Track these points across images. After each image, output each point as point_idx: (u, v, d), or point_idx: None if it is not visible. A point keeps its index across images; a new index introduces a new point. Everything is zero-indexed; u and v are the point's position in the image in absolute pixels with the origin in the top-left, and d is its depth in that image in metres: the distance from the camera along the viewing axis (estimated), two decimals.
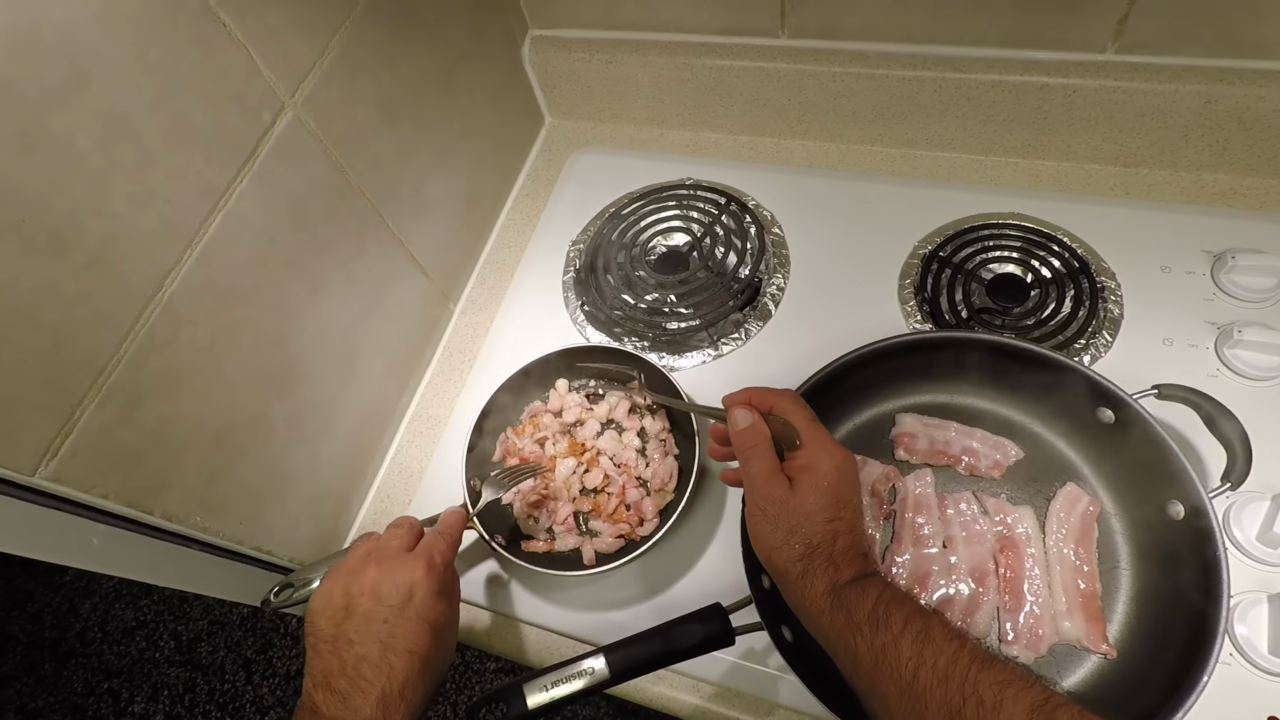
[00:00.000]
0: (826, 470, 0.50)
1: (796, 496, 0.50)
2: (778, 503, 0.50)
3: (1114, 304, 0.72)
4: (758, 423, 0.53)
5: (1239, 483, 0.57)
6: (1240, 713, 0.55)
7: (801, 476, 0.50)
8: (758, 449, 0.52)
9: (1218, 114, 0.71)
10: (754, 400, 0.54)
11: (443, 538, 0.58)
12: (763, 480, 0.51)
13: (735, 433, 0.53)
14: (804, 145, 0.89)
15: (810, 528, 0.49)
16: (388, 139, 0.71)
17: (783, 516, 0.49)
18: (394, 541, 0.56)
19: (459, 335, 0.86)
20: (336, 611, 0.52)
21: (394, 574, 0.53)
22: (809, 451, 0.51)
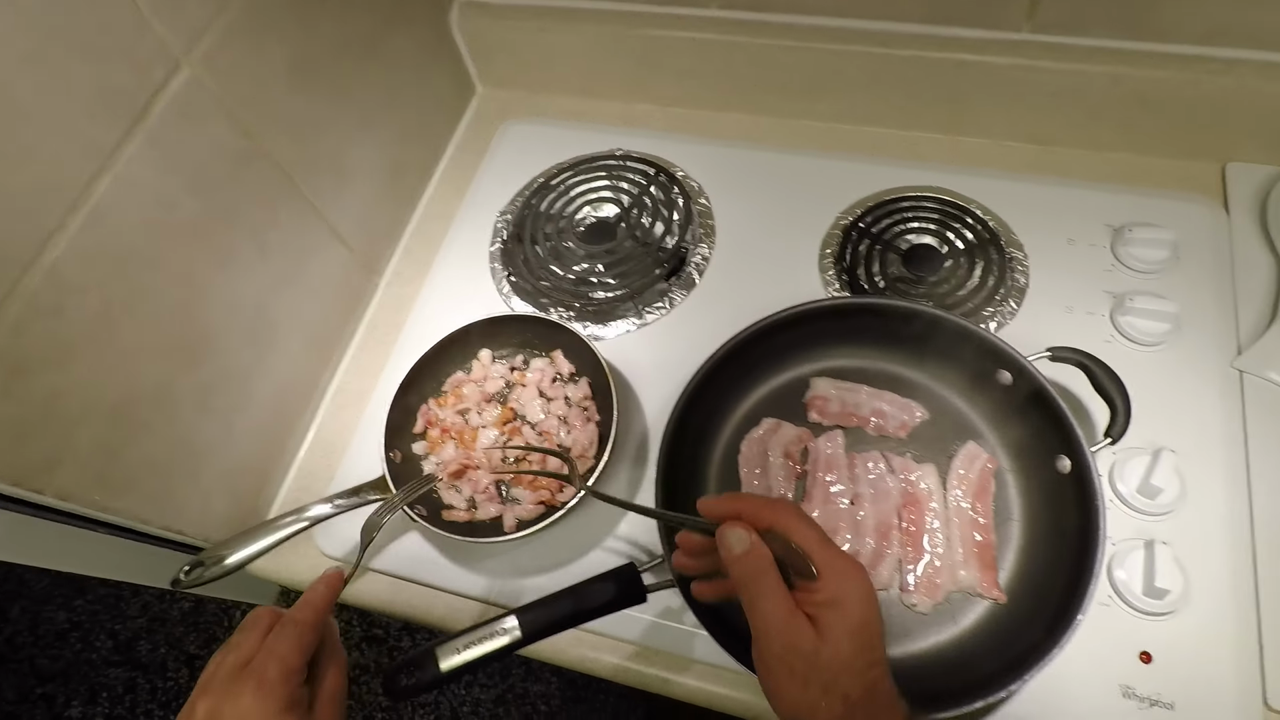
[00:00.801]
0: (855, 603, 0.41)
1: (828, 644, 0.40)
2: (805, 656, 0.40)
3: (1021, 274, 0.74)
4: (757, 545, 0.43)
5: (1119, 437, 0.60)
6: (1118, 649, 0.59)
7: (827, 615, 0.41)
8: (765, 581, 0.42)
9: (1123, 95, 0.74)
10: (745, 514, 0.44)
11: (286, 631, 0.47)
12: (781, 626, 0.41)
13: (732, 558, 0.43)
14: (735, 118, 0.90)
15: (846, 682, 0.40)
16: (302, 104, 0.69)
17: (814, 672, 0.40)
18: (229, 657, 0.46)
19: (384, 308, 0.85)
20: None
21: (219, 710, 0.44)
22: (831, 582, 0.41)
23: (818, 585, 0.41)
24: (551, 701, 1.39)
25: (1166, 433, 0.66)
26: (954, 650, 0.60)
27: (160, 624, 1.53)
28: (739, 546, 0.43)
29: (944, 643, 0.61)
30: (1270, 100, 0.70)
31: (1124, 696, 0.58)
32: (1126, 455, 0.65)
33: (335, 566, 0.56)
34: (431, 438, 0.73)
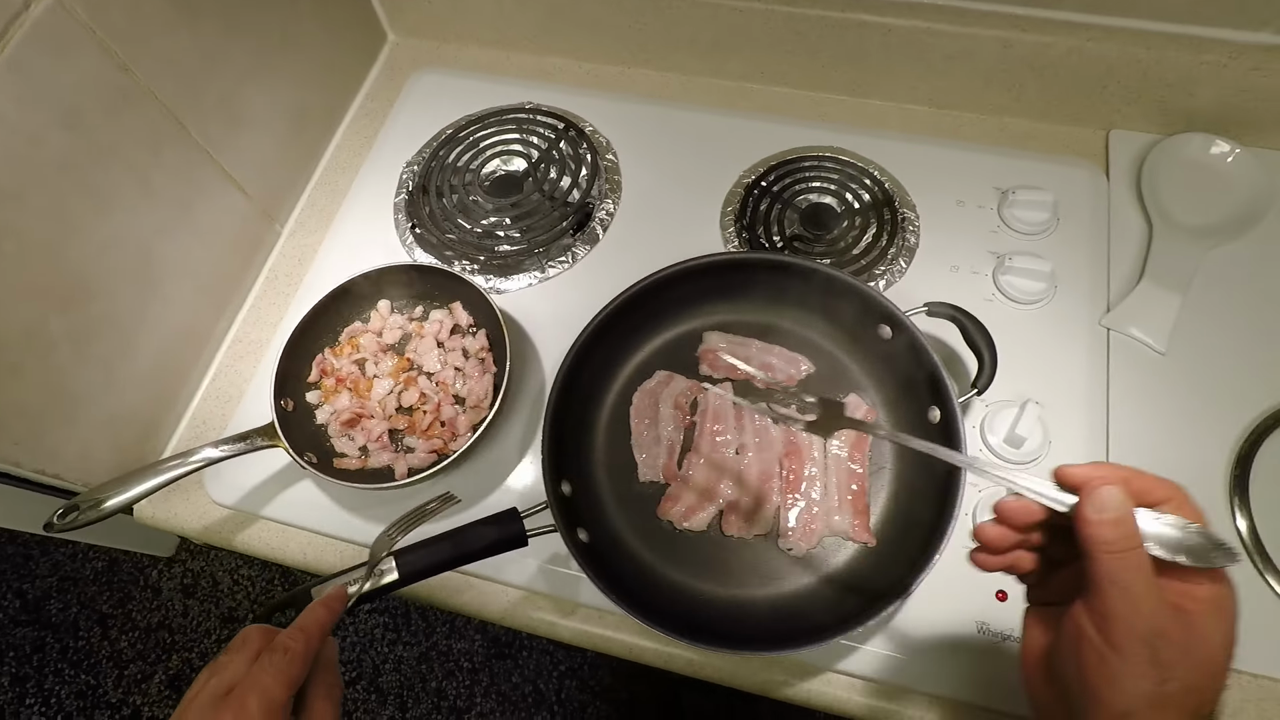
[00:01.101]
0: (1233, 614, 0.37)
1: (1202, 643, 0.36)
2: (1176, 646, 0.35)
3: (912, 234, 0.77)
4: (1133, 514, 0.37)
5: (985, 388, 0.63)
6: (978, 590, 0.62)
7: (1208, 614, 0.36)
8: (1140, 557, 0.36)
9: (1013, 60, 0.76)
10: (1133, 484, 0.38)
11: (274, 659, 0.44)
12: (1154, 606, 0.36)
13: (1102, 522, 0.36)
14: (646, 75, 0.90)
15: (1211, 690, 0.36)
16: (186, 40, 0.67)
17: (1180, 667, 0.35)
18: (212, 680, 0.44)
19: (286, 258, 0.83)
20: None
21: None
22: (1220, 584, 0.37)
23: (1201, 582, 0.37)
24: (475, 659, 1.41)
25: (1037, 387, 0.69)
26: (826, 589, 0.63)
27: (72, 583, 1.51)
28: (1115, 509, 0.37)
29: (817, 582, 0.64)
30: (1147, 68, 0.73)
31: (979, 632, 0.61)
32: (996, 408, 0.68)
33: (339, 585, 0.53)
34: (326, 387, 0.72)
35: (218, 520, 0.72)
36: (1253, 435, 0.66)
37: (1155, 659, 0.35)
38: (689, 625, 0.59)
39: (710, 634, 0.59)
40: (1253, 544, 0.62)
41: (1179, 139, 0.76)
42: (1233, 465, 0.65)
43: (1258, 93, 0.71)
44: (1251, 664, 0.59)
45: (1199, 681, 0.36)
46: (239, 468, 0.71)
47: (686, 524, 0.66)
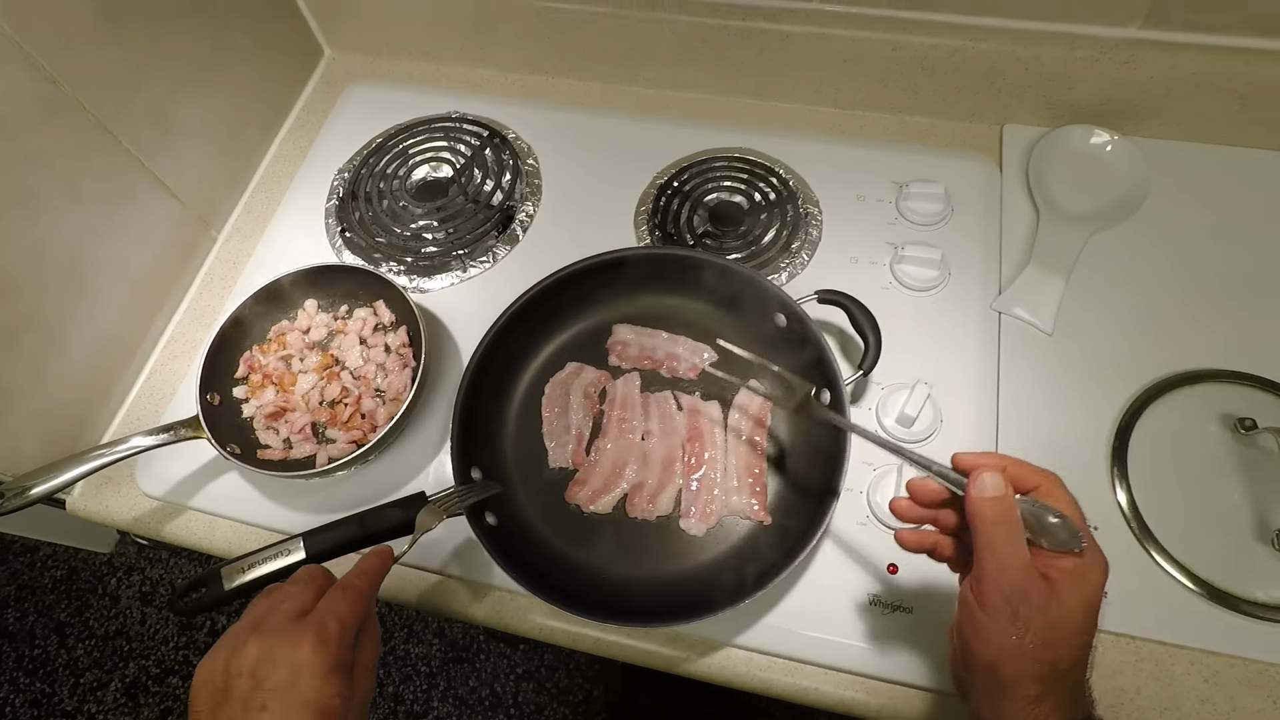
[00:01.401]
0: (1095, 584, 0.42)
1: (1060, 605, 0.41)
2: (1034, 606, 0.41)
3: (815, 228, 0.80)
4: (1011, 496, 0.44)
5: (870, 370, 0.66)
6: (870, 563, 0.65)
7: (1067, 582, 0.42)
8: (1012, 527, 0.43)
9: (903, 60, 0.80)
10: (1011, 471, 0.45)
11: (346, 595, 0.48)
12: (1019, 570, 0.42)
13: (983, 500, 0.43)
14: (569, 84, 0.94)
15: (1064, 647, 0.41)
16: (115, 53, 0.71)
17: (1036, 624, 0.41)
18: (285, 604, 0.47)
19: (222, 262, 0.87)
20: (214, 692, 0.44)
21: (274, 650, 0.44)
22: (1085, 557, 0.43)
23: (1066, 556, 0.42)
24: (432, 663, 1.42)
25: (931, 369, 0.72)
26: (723, 566, 0.66)
27: (29, 592, 1.52)
28: (993, 489, 0.43)
29: (715, 560, 0.66)
30: (1027, 64, 0.77)
31: (870, 604, 0.64)
32: (891, 390, 0.71)
33: (386, 544, 0.56)
34: (253, 382, 0.75)
35: (147, 511, 0.74)
36: (1130, 410, 0.69)
37: (1015, 616, 0.41)
38: (590, 603, 0.61)
39: (609, 610, 0.61)
40: (1131, 514, 0.65)
41: (1063, 131, 0.80)
42: (1112, 439, 0.68)
43: (1130, 84, 0.76)
44: (1131, 627, 0.62)
45: (1053, 638, 0.41)
46: (169, 461, 0.74)
47: (593, 507, 0.68)
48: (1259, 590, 0.61)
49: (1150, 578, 0.63)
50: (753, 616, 0.64)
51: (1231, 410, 0.67)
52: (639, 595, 0.65)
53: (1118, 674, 0.61)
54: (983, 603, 0.43)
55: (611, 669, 1.41)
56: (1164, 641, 0.61)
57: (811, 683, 0.63)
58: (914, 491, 0.50)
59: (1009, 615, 0.41)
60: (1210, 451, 0.66)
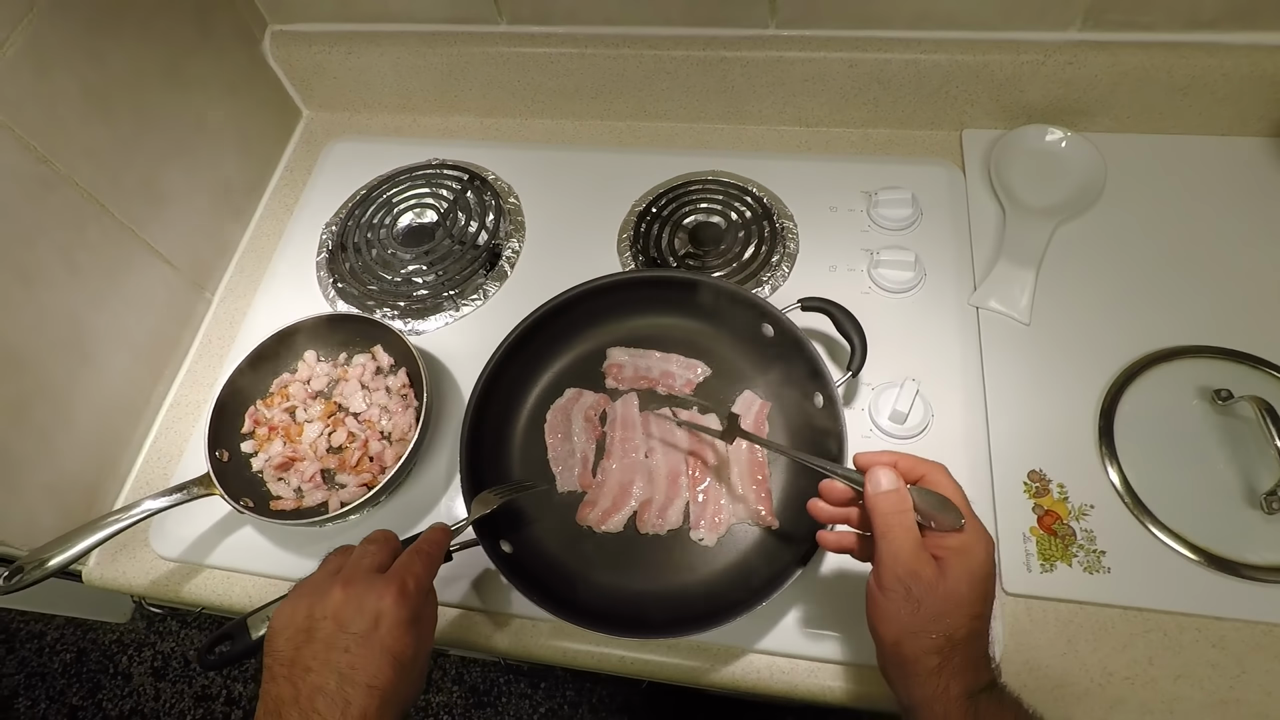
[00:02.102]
0: (981, 557, 0.46)
1: (947, 580, 0.45)
2: (925, 584, 0.45)
3: (791, 241, 0.83)
4: (903, 488, 0.48)
5: (858, 370, 0.69)
6: None
7: (954, 559, 0.46)
8: (903, 516, 0.47)
9: (860, 76, 0.84)
10: (901, 465, 0.50)
11: (420, 558, 0.53)
12: (910, 554, 0.46)
13: (877, 495, 0.48)
14: (543, 123, 0.98)
15: (955, 619, 0.45)
16: (102, 131, 0.73)
17: (928, 600, 0.45)
18: (365, 560, 0.51)
19: (219, 323, 0.88)
20: (297, 634, 0.47)
21: (361, 598, 0.48)
22: (967, 535, 0.47)
23: (950, 535, 0.47)
24: (454, 711, 1.41)
25: (917, 366, 0.75)
26: (736, 571, 0.67)
27: (40, 679, 1.49)
28: (887, 484, 0.48)
29: (729, 565, 0.68)
30: (977, 71, 0.81)
31: None
32: (881, 389, 0.73)
33: (443, 522, 0.59)
34: (259, 436, 0.76)
35: (164, 574, 0.75)
36: (1112, 390, 0.72)
37: (909, 595, 0.46)
38: (611, 620, 0.62)
39: (630, 625, 0.63)
40: (1125, 491, 0.68)
41: (1018, 131, 0.84)
42: (1098, 419, 0.71)
43: (1076, 83, 0.80)
44: (1138, 599, 0.64)
45: (944, 610, 0.45)
46: (181, 521, 0.75)
47: (605, 526, 0.70)
48: (1254, 553, 0.63)
49: (1150, 551, 0.65)
50: (771, 620, 0.65)
51: (1207, 383, 0.70)
52: (658, 609, 0.66)
53: (1129, 646, 0.63)
54: (881, 586, 0.47)
55: (633, 701, 1.40)
56: (1170, 611, 0.63)
57: (834, 681, 0.64)
58: (825, 493, 0.54)
59: (903, 594, 0.46)
60: (1192, 424, 0.69)
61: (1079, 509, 0.67)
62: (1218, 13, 0.73)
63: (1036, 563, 0.66)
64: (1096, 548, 0.66)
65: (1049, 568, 0.65)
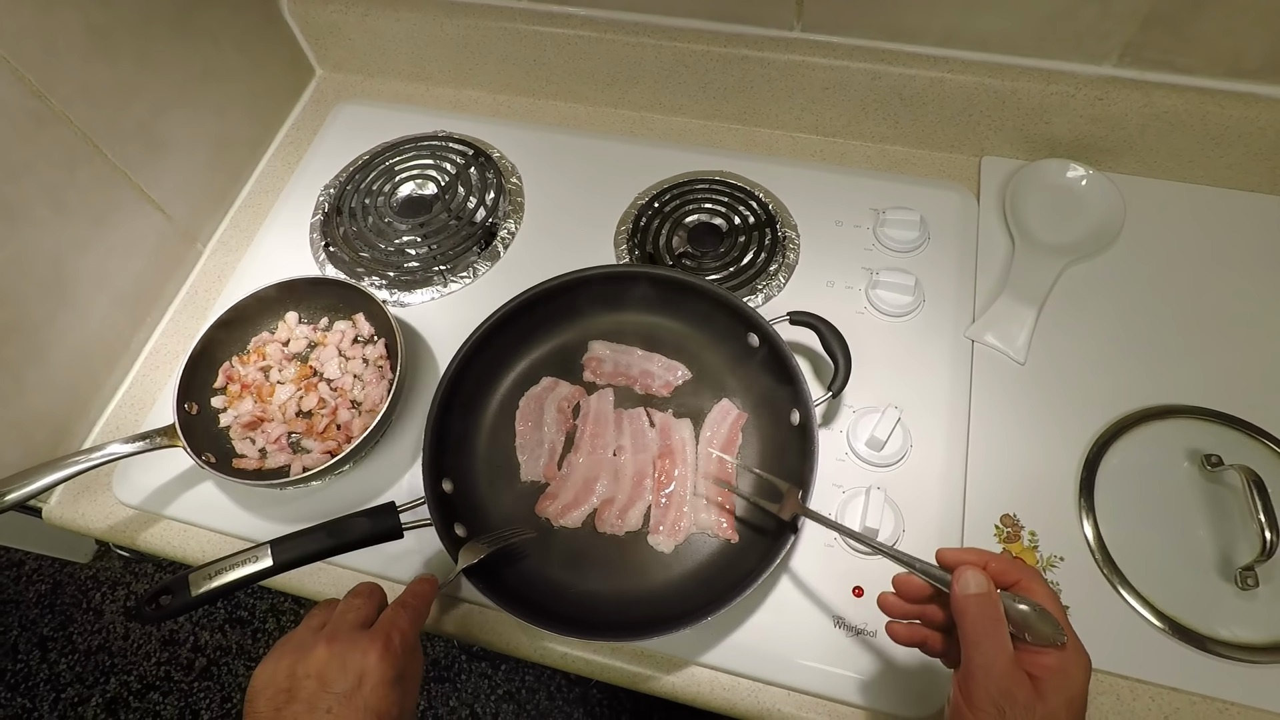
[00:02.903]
0: (1081, 679, 0.43)
1: (1044, 704, 0.42)
2: (1020, 706, 0.41)
3: (792, 252, 0.81)
4: (995, 594, 0.45)
5: (839, 391, 0.67)
6: (836, 585, 0.65)
7: (1053, 680, 0.42)
8: (996, 626, 0.43)
9: (883, 90, 0.82)
10: (991, 568, 0.46)
11: (406, 612, 0.52)
12: (1004, 670, 0.42)
13: (967, 596, 0.45)
14: (555, 105, 0.96)
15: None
16: (103, 71, 0.72)
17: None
18: (349, 615, 0.51)
19: (207, 275, 0.88)
20: (278, 694, 0.46)
21: (344, 656, 0.47)
22: (1068, 654, 0.43)
23: (1049, 651, 0.43)
24: None
25: (904, 394, 0.73)
26: (690, 582, 0.66)
27: (14, 606, 1.51)
28: (976, 587, 0.45)
29: (683, 575, 0.66)
30: (1004, 97, 0.78)
31: (835, 627, 0.64)
32: (862, 413, 0.71)
33: (432, 574, 0.59)
34: (231, 392, 0.76)
35: (123, 520, 0.75)
36: (1099, 442, 0.69)
37: (1001, 715, 0.41)
38: (556, 616, 0.61)
39: (575, 624, 0.61)
40: (1097, 547, 0.65)
41: (1040, 164, 0.81)
42: (1081, 470, 0.69)
43: (1105, 120, 0.77)
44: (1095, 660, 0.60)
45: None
46: (146, 470, 0.74)
47: (563, 521, 0.69)
48: (1223, 628, 0.61)
49: (1115, 612, 0.63)
50: (719, 635, 0.64)
51: (1199, 446, 0.67)
52: (606, 610, 0.65)
53: None
54: (970, 703, 0.43)
55: (591, 692, 1.40)
56: (1126, 676, 0.61)
57: (774, 704, 0.63)
58: (900, 587, 0.51)
59: (995, 716, 0.42)
60: (1177, 487, 0.66)
61: (1048, 559, 0.65)
62: (1262, 63, 0.69)
63: None
64: (1060, 603, 0.63)
65: None
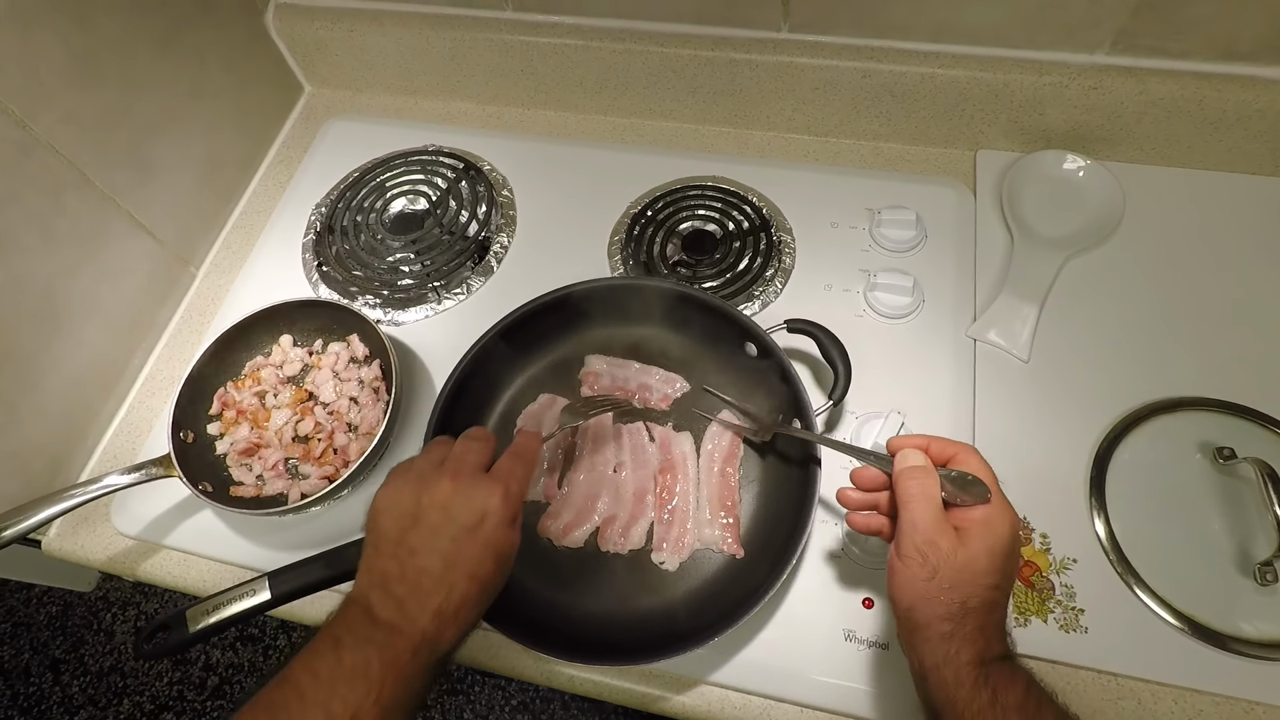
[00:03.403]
0: (1003, 531, 0.47)
1: (965, 549, 0.46)
2: (942, 552, 0.46)
3: (788, 256, 0.80)
4: (929, 465, 0.50)
5: (840, 399, 0.66)
6: (844, 597, 0.64)
7: (975, 530, 0.47)
8: (926, 489, 0.49)
9: (874, 87, 0.80)
10: (932, 449, 0.51)
11: (521, 463, 0.55)
12: (929, 523, 0.47)
13: (902, 469, 0.50)
14: (545, 115, 0.95)
15: (971, 588, 0.46)
16: (88, 97, 0.72)
17: (945, 568, 0.46)
18: (470, 456, 0.53)
19: (201, 298, 0.87)
20: (403, 517, 0.50)
21: (469, 494, 0.50)
22: (992, 509, 0.48)
23: (978, 507, 0.48)
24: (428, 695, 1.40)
25: (907, 397, 0.71)
26: (697, 599, 0.65)
27: (25, 629, 1.51)
28: (914, 459, 0.50)
29: (689, 592, 0.65)
30: (997, 90, 0.77)
31: (846, 640, 0.63)
32: (864, 419, 0.70)
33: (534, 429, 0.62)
34: (226, 419, 0.75)
35: (123, 550, 0.74)
36: (1108, 438, 0.68)
37: (925, 562, 0.46)
38: (561, 641, 0.61)
39: (580, 649, 0.61)
40: (1110, 545, 0.64)
41: (1036, 156, 0.80)
42: (1091, 467, 0.67)
43: (1100, 110, 0.75)
44: (1112, 664, 0.61)
45: (959, 580, 0.46)
46: (144, 499, 0.74)
47: (564, 540, 0.68)
48: (1244, 625, 0.60)
49: (1131, 612, 0.62)
50: (728, 652, 0.63)
51: (1210, 439, 0.66)
52: (611, 632, 0.64)
53: (1099, 713, 0.59)
54: (900, 554, 0.48)
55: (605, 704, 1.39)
56: (1146, 679, 0.60)
57: None
58: (856, 479, 0.56)
59: (920, 562, 0.46)
60: (1190, 481, 0.65)
61: (1061, 562, 0.64)
62: (1257, 44, 0.68)
63: (1011, 616, 0.62)
64: (1075, 605, 0.62)
65: (1023, 622, 0.62)
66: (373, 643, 0.45)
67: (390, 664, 0.45)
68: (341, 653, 0.45)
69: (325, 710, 0.42)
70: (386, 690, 0.44)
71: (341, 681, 0.44)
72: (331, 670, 0.44)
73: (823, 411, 0.65)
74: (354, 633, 0.46)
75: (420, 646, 0.46)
